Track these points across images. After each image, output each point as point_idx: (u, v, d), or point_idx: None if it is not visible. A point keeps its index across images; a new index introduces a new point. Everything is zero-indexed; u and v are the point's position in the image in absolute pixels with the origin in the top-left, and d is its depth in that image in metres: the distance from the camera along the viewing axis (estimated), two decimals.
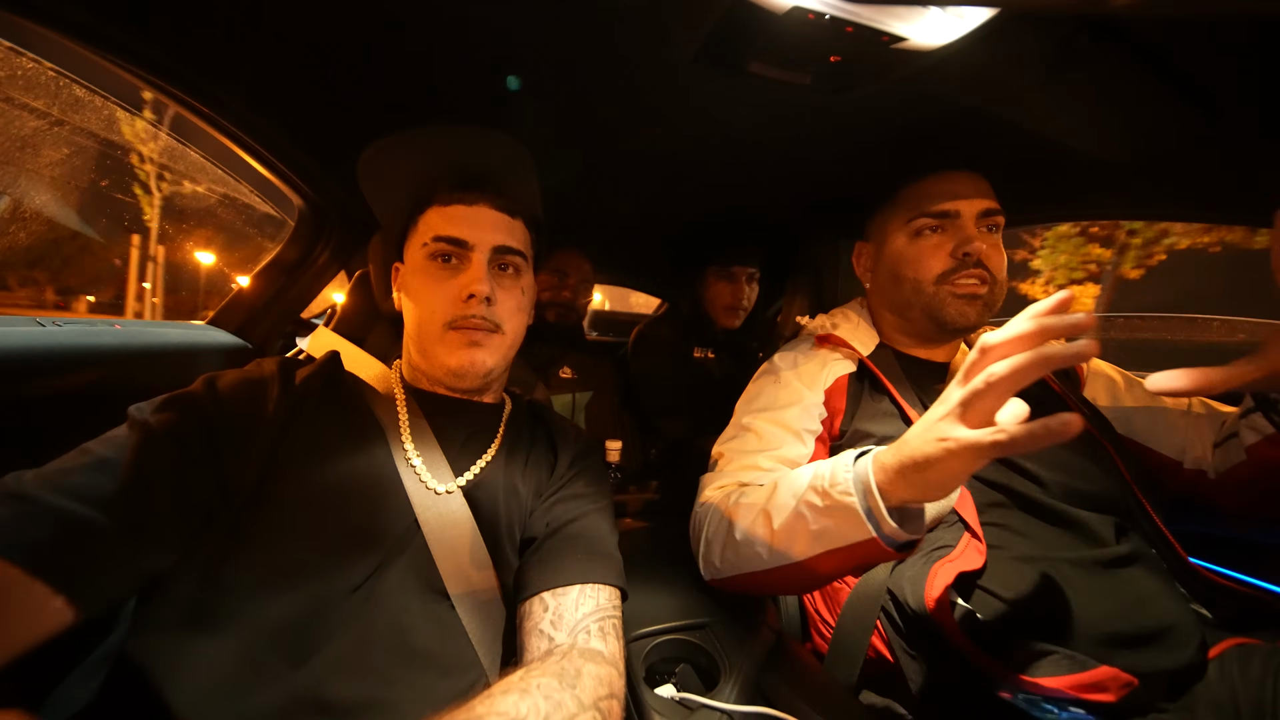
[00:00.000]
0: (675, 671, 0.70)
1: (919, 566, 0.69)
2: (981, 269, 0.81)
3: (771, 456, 0.80)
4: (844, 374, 0.88)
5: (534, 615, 0.57)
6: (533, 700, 0.43)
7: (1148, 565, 0.69)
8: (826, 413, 0.86)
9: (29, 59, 3.26)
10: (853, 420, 0.84)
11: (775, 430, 0.83)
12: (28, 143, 15.85)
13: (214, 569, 0.51)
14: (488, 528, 0.63)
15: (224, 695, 0.46)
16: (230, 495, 0.54)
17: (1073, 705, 0.59)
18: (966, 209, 0.82)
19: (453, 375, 0.66)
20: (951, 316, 0.83)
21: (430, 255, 0.66)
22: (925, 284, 0.84)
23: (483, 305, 0.65)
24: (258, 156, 1.06)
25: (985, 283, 0.81)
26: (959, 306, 0.82)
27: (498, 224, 0.68)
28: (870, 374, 0.86)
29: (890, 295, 0.91)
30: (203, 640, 0.48)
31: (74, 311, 14.05)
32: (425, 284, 0.66)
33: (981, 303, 0.82)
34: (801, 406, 0.85)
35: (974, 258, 0.80)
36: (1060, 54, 0.68)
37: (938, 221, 0.84)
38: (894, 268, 0.88)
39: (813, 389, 0.87)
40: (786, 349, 0.97)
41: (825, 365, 0.90)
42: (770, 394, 0.89)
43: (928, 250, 0.84)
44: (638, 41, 0.74)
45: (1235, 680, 0.61)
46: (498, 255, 0.68)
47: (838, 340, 0.92)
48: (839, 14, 0.61)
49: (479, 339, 0.66)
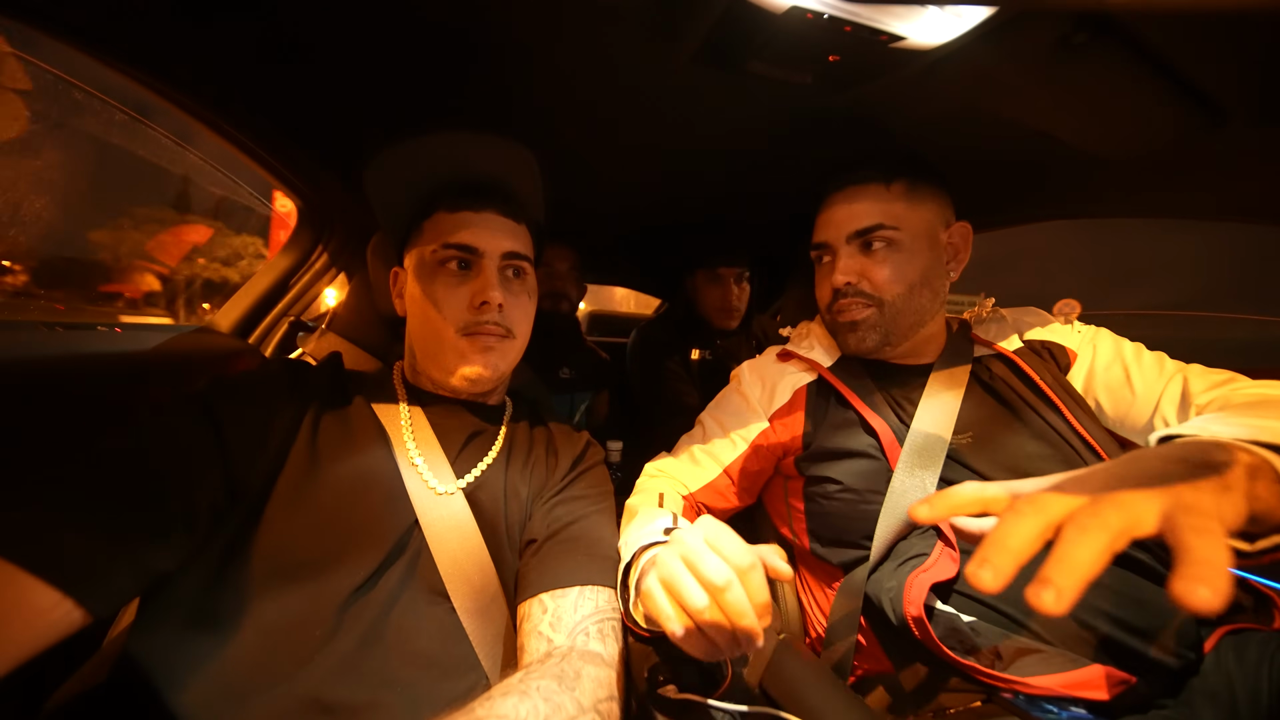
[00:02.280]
0: (676, 672, 0.70)
1: (896, 577, 0.68)
2: (857, 296, 0.83)
3: (706, 452, 0.91)
4: (802, 385, 0.90)
5: (533, 617, 0.57)
6: (532, 703, 0.43)
7: (1136, 561, 0.68)
8: (769, 424, 0.89)
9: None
10: (816, 433, 0.85)
11: (713, 428, 0.93)
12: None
13: (218, 569, 0.51)
14: (489, 529, 0.63)
15: (226, 694, 0.46)
16: (237, 496, 0.54)
17: (1073, 705, 0.58)
18: (834, 236, 0.85)
19: (469, 382, 0.67)
20: (845, 345, 0.88)
21: (440, 262, 0.67)
22: (822, 313, 0.91)
23: (495, 312, 0.65)
24: (256, 158, 1.06)
25: (868, 307, 0.83)
26: (847, 338, 0.86)
27: (505, 230, 0.69)
28: (831, 386, 0.87)
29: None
30: (206, 639, 0.48)
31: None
32: (435, 291, 0.66)
33: (867, 328, 0.84)
34: (743, 416, 0.91)
35: (851, 289, 0.83)
36: (1059, 52, 0.68)
37: (821, 253, 0.88)
38: (814, 290, 0.93)
39: (762, 404, 0.91)
40: (756, 359, 1.00)
41: (783, 378, 0.92)
42: (726, 399, 0.97)
43: (825, 281, 0.88)
44: (636, 40, 0.74)
45: (1231, 667, 0.60)
46: (507, 261, 0.68)
47: (795, 355, 0.94)
48: (837, 13, 0.61)
49: (492, 344, 0.66)
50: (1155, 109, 0.77)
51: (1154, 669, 0.60)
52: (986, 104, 0.83)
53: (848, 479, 0.78)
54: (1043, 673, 0.59)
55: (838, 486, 0.79)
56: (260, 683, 0.47)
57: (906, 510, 0.72)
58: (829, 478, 0.80)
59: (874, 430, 0.79)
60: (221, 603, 0.50)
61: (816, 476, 0.82)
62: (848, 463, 0.79)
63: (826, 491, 0.81)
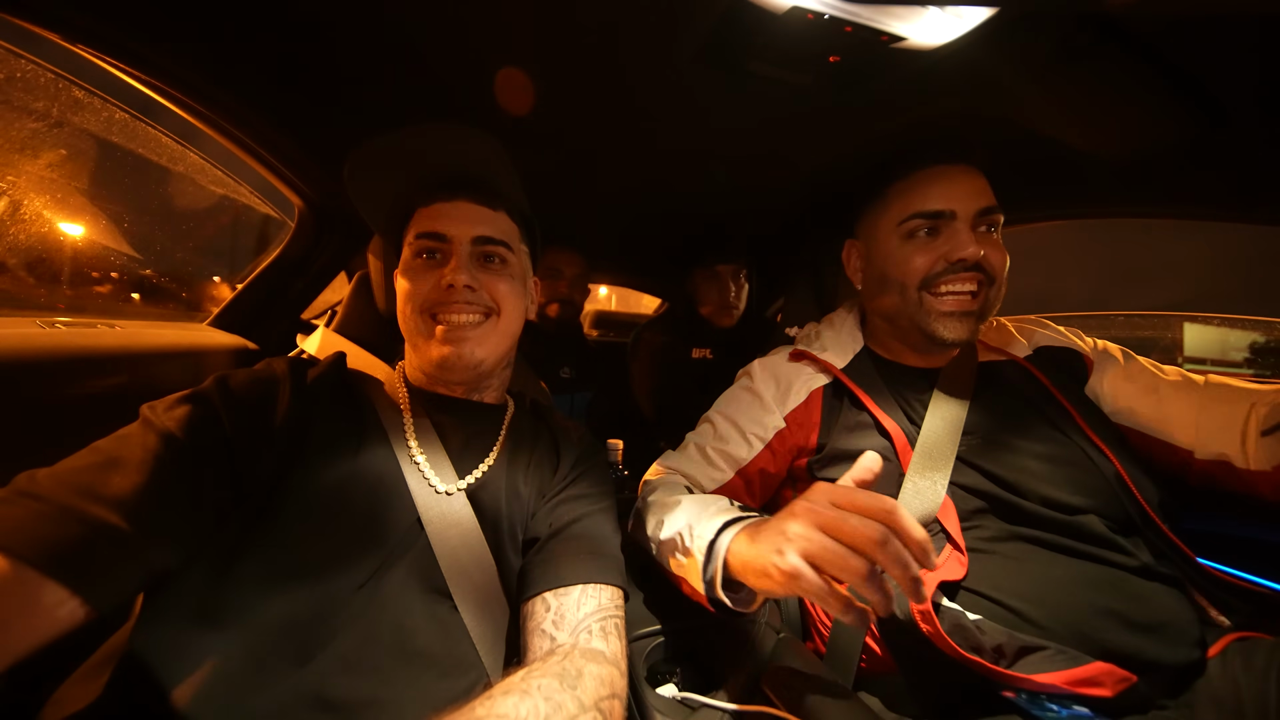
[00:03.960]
0: (677, 671, 0.70)
1: None
2: (978, 272, 0.77)
3: (719, 451, 0.87)
4: (818, 387, 0.88)
5: (536, 615, 0.57)
6: (533, 701, 0.44)
7: (1142, 564, 0.69)
8: (786, 425, 0.87)
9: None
10: (830, 434, 0.84)
11: (726, 427, 0.89)
12: None
13: (222, 566, 0.51)
14: (490, 529, 0.64)
15: (229, 692, 0.46)
16: (241, 494, 0.54)
17: (1075, 703, 0.59)
18: (962, 208, 0.77)
19: (438, 367, 0.67)
20: (933, 331, 0.79)
21: (415, 253, 0.69)
22: (910, 289, 0.80)
23: (464, 293, 0.66)
24: (258, 158, 1.06)
25: (981, 287, 0.78)
26: (947, 324, 0.79)
27: (478, 217, 0.70)
28: (846, 387, 0.86)
29: (878, 299, 0.87)
30: (209, 637, 0.48)
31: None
32: (407, 280, 0.68)
33: (973, 318, 0.79)
34: (757, 415, 0.88)
35: (970, 261, 0.76)
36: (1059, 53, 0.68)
37: (930, 222, 0.79)
38: (882, 269, 0.84)
39: (778, 402, 0.89)
40: (767, 358, 0.98)
41: (799, 378, 0.90)
42: (734, 398, 0.94)
43: (922, 254, 0.79)
44: (637, 40, 0.74)
45: (1238, 673, 0.60)
46: (479, 246, 0.69)
47: (809, 356, 0.91)
48: (838, 14, 0.61)
49: (465, 328, 0.67)
50: (1156, 110, 0.77)
51: (1156, 668, 0.61)
52: (987, 105, 0.83)
53: (859, 482, 0.78)
54: (1047, 670, 0.59)
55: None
56: (263, 679, 0.47)
57: (918, 512, 0.71)
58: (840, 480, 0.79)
59: (888, 432, 0.79)
60: (225, 599, 0.50)
61: (828, 479, 0.81)
62: None
63: None
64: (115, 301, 2.94)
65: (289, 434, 0.58)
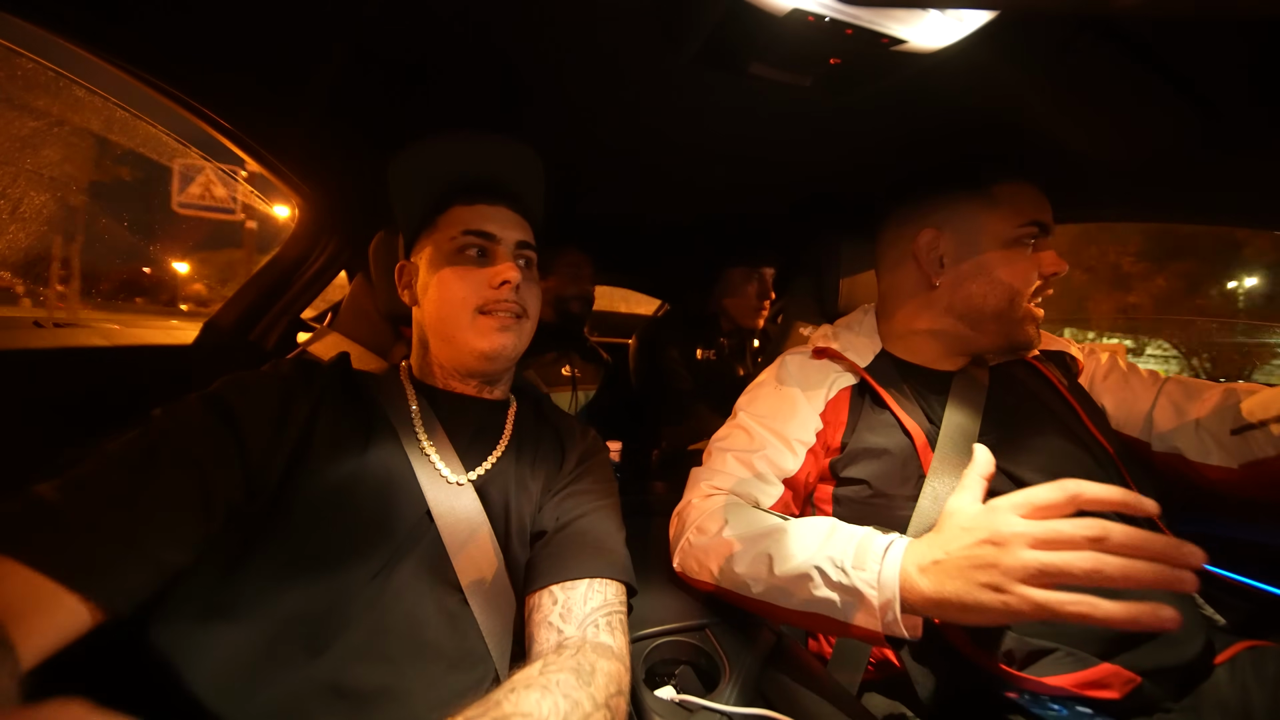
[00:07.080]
0: (675, 673, 0.70)
1: None
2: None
3: (762, 459, 0.81)
4: (847, 386, 0.87)
5: (543, 607, 0.58)
6: (553, 699, 0.44)
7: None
8: (823, 425, 0.84)
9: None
10: (853, 433, 0.83)
11: (767, 435, 0.83)
12: None
13: (235, 561, 0.52)
14: (498, 521, 0.64)
15: (243, 683, 0.47)
16: (252, 494, 0.55)
17: (1078, 704, 0.59)
18: (1049, 223, 0.79)
19: (484, 359, 0.69)
20: (1025, 339, 0.80)
21: (459, 249, 0.70)
22: (1022, 298, 0.78)
23: (514, 291, 0.69)
24: (258, 157, 1.06)
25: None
26: (1033, 330, 0.80)
27: (516, 222, 0.73)
28: (869, 387, 0.85)
29: (971, 299, 0.81)
30: (222, 629, 0.49)
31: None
32: (454, 274, 0.69)
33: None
34: (797, 417, 0.84)
35: (1060, 276, 0.78)
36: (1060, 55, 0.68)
37: (1038, 233, 0.78)
38: (991, 272, 0.79)
39: (812, 401, 0.85)
40: (791, 356, 0.95)
41: (828, 376, 0.88)
42: (769, 399, 0.88)
43: (1029, 263, 0.78)
44: (637, 42, 0.75)
45: (1249, 681, 0.60)
46: (519, 250, 0.73)
47: (835, 354, 0.89)
48: (839, 16, 0.61)
49: (509, 324, 0.70)
50: (1156, 112, 0.78)
51: (1162, 671, 0.61)
52: (988, 108, 0.83)
53: (879, 482, 0.77)
54: (1054, 672, 0.59)
55: (870, 491, 0.78)
56: (279, 669, 0.48)
57: (937, 514, 0.71)
58: (861, 480, 0.79)
59: (909, 432, 0.78)
60: (239, 593, 0.50)
61: (849, 479, 0.81)
62: (881, 464, 0.78)
63: (858, 495, 0.80)
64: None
65: (298, 433, 0.58)
